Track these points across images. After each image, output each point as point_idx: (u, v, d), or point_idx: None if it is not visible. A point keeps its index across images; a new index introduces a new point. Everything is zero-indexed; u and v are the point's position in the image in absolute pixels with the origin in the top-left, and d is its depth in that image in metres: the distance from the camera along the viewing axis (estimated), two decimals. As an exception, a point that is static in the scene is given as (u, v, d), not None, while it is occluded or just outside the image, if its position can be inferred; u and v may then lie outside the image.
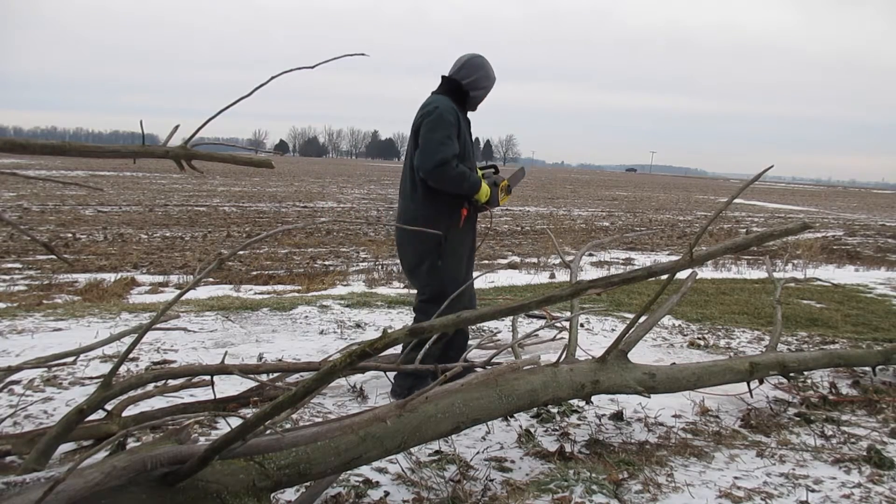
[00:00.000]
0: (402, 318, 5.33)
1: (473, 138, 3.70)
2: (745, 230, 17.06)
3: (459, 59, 3.51)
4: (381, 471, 2.56)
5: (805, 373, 3.92)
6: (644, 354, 4.32)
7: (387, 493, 2.41)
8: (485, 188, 3.49)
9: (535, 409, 3.09)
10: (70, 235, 10.92)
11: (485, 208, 3.61)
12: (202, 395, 3.22)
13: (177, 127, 1.85)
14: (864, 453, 2.86)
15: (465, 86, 3.44)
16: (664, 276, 2.46)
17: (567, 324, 4.86)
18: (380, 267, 8.86)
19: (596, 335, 4.96)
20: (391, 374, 3.40)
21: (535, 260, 9.57)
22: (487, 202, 3.57)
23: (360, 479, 2.49)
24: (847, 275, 9.27)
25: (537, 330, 3.38)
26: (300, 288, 7.05)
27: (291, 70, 1.87)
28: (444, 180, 3.30)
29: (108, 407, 2.58)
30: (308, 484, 2.21)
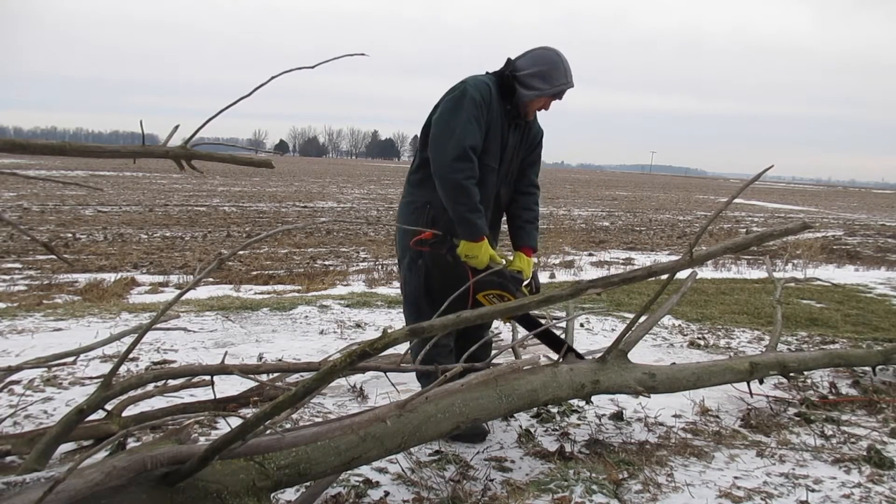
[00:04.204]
0: (402, 318, 5.33)
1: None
2: (745, 230, 17.06)
3: (530, 49, 2.85)
4: (381, 471, 2.56)
5: (805, 373, 3.91)
6: (644, 354, 4.32)
7: (387, 493, 2.41)
8: (478, 248, 2.73)
9: (535, 408, 3.09)
10: (70, 235, 10.92)
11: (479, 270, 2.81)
12: (202, 395, 3.22)
13: (177, 127, 1.85)
14: (864, 453, 2.86)
15: (519, 77, 2.75)
16: (664, 276, 2.46)
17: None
18: (380, 267, 8.85)
19: (596, 335, 4.96)
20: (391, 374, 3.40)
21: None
22: (475, 266, 2.77)
23: (360, 478, 2.49)
24: (847, 275, 9.27)
25: (538, 330, 3.38)
26: (300, 288, 7.05)
27: (291, 70, 1.87)
28: (449, 180, 2.64)
29: (108, 407, 2.58)
30: (308, 484, 2.21)
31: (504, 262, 2.91)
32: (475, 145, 2.68)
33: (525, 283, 2.92)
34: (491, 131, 2.76)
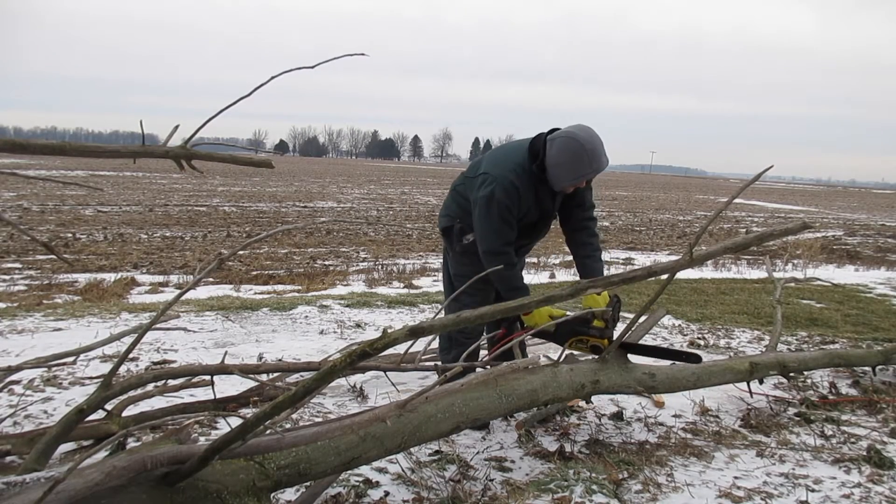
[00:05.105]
0: (402, 318, 5.33)
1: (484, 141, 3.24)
2: (745, 230, 17.06)
3: (561, 133, 2.93)
4: (381, 471, 2.56)
5: (805, 373, 3.91)
6: (644, 354, 4.32)
7: (387, 493, 2.41)
8: (532, 317, 2.98)
9: (535, 408, 3.09)
10: (70, 235, 10.92)
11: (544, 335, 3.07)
12: (202, 395, 3.22)
13: (177, 127, 1.85)
14: (864, 453, 2.86)
15: (547, 166, 2.93)
16: (664, 276, 2.46)
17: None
18: (380, 267, 8.86)
19: (596, 335, 4.96)
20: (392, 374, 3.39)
21: (535, 260, 9.58)
22: (542, 333, 3.00)
23: (360, 478, 2.49)
24: (847, 275, 9.27)
25: (537, 330, 3.38)
26: (300, 288, 7.05)
27: (291, 70, 1.87)
28: (488, 267, 2.84)
29: (108, 407, 2.58)
30: (308, 484, 2.21)
31: (565, 313, 3.05)
32: (508, 241, 3.03)
33: (603, 311, 2.97)
34: (530, 209, 3.05)
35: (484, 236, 3.02)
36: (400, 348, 3.00)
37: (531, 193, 3.00)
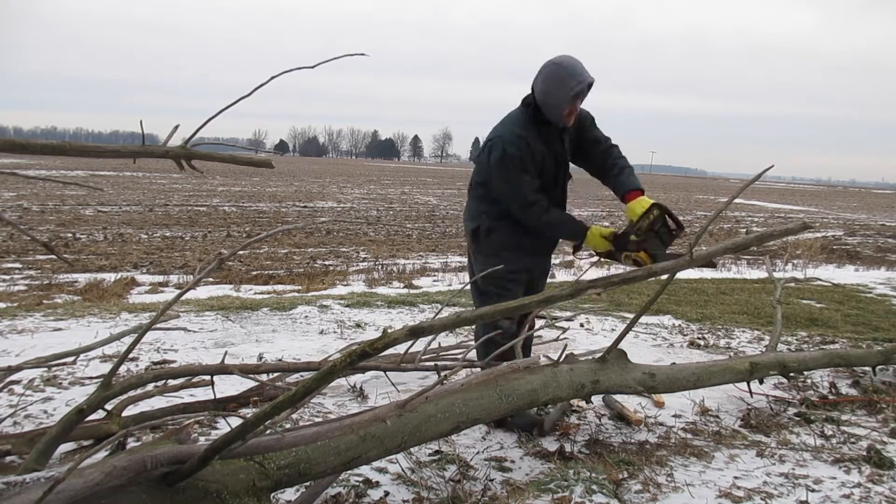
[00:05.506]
0: (402, 318, 5.33)
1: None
2: (745, 230, 17.06)
3: (540, 68, 3.03)
4: (381, 471, 2.56)
5: (805, 373, 3.91)
6: (644, 354, 4.33)
7: (387, 493, 2.41)
8: (591, 240, 3.02)
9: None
10: (70, 235, 10.92)
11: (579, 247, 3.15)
12: (202, 395, 3.22)
13: (177, 127, 1.85)
14: (864, 453, 2.86)
15: (539, 103, 3.00)
16: (664, 276, 2.46)
17: (567, 324, 4.86)
18: (380, 267, 8.86)
19: (596, 335, 4.96)
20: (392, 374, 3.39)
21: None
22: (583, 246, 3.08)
23: (360, 478, 2.49)
24: (847, 275, 9.27)
25: (538, 329, 3.38)
26: (300, 288, 7.06)
27: (291, 70, 1.88)
28: (531, 224, 3.05)
29: (108, 407, 2.58)
30: (308, 484, 2.22)
31: (614, 230, 3.05)
32: (534, 188, 3.03)
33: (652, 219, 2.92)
34: (544, 157, 3.06)
35: (512, 192, 3.03)
36: (400, 348, 3.01)
37: (536, 136, 3.03)
